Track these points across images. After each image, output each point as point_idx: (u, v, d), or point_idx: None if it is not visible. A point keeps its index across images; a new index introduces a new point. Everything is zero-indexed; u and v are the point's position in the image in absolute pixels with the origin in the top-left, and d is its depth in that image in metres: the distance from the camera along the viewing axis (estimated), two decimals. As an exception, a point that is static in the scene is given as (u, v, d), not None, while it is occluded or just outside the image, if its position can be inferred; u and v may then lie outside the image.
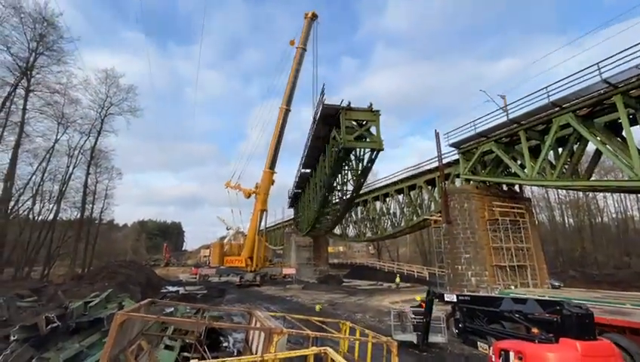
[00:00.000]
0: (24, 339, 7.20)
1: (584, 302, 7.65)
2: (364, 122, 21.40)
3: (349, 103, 20.79)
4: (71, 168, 30.89)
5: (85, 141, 31.74)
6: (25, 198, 27.35)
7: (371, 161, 22.93)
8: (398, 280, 30.06)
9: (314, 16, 35.06)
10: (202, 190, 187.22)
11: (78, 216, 32.77)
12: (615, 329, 7.64)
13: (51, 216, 30.08)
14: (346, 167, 25.66)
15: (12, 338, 7.23)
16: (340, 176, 27.01)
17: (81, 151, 31.63)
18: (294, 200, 43.78)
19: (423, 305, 11.47)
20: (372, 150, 22.02)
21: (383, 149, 21.37)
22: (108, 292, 11.17)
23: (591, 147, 16.79)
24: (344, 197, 28.76)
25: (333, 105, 21.33)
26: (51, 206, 30.23)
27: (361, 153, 23.46)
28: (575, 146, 16.70)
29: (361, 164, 23.87)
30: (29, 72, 24.29)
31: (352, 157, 24.19)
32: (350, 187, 27.83)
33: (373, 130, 21.49)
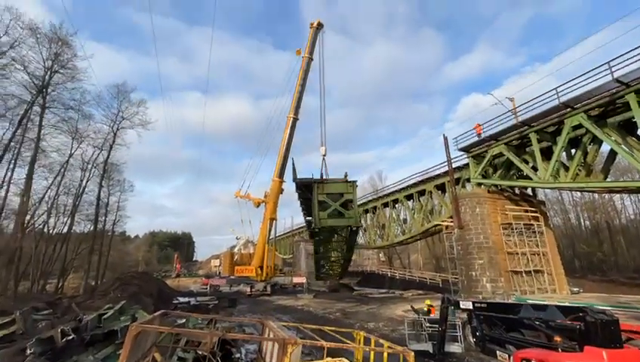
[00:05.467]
0: (40, 352, 7.26)
1: (608, 308, 7.38)
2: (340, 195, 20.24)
3: (322, 175, 19.84)
4: (84, 182, 31.61)
5: (98, 155, 32.53)
6: (40, 212, 28.01)
7: (353, 234, 21.71)
8: None
9: (319, 26, 35.48)
10: (213, 196, 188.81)
11: (92, 228, 33.35)
12: (642, 335, 7.31)
13: (65, 229, 30.69)
14: (330, 238, 24.28)
15: (28, 351, 7.29)
16: (329, 245, 25.69)
17: (94, 164, 32.39)
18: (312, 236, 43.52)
19: (432, 309, 11.23)
20: (350, 226, 20.85)
21: (360, 226, 20.38)
22: (121, 305, 11.23)
23: (605, 147, 16.44)
24: (339, 261, 27.84)
25: (306, 179, 20.54)
26: (65, 219, 30.89)
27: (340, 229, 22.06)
28: (589, 147, 16.36)
29: (343, 239, 22.66)
30: (44, 90, 25.11)
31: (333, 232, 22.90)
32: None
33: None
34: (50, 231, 30.31)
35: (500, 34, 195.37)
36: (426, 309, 11.51)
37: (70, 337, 7.64)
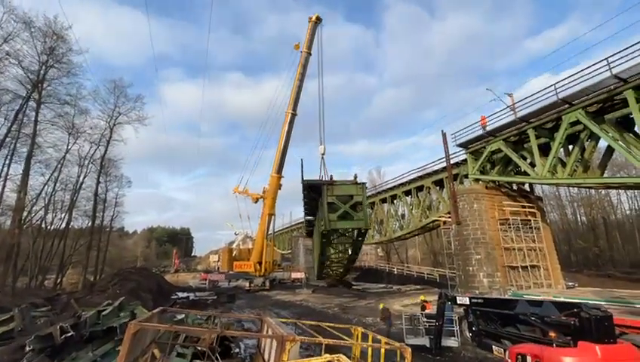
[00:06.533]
0: (39, 349, 7.28)
1: (602, 303, 7.46)
2: (350, 196, 19.91)
3: (332, 177, 19.49)
4: (82, 177, 31.46)
5: (95, 150, 32.32)
6: (37, 208, 27.87)
7: (361, 235, 21.50)
8: None
9: (318, 20, 35.10)
10: (211, 194, 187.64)
11: (90, 224, 33.27)
12: (637, 330, 7.44)
13: (63, 225, 30.60)
14: (337, 239, 24.26)
15: (27, 348, 7.30)
16: (331, 247, 25.63)
17: (92, 160, 32.20)
18: (310, 234, 43.47)
19: (427, 305, 11.35)
20: (359, 228, 20.64)
21: (369, 228, 20.13)
22: (120, 301, 11.24)
23: (603, 143, 16.50)
24: (343, 262, 27.71)
25: (315, 181, 20.14)
26: (63, 215, 30.76)
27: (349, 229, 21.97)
28: (586, 143, 16.42)
29: (350, 241, 22.54)
30: (39, 85, 24.81)
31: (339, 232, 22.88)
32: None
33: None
34: (48, 227, 30.21)
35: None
36: (419, 301, 11.66)
37: (69, 334, 7.64)
